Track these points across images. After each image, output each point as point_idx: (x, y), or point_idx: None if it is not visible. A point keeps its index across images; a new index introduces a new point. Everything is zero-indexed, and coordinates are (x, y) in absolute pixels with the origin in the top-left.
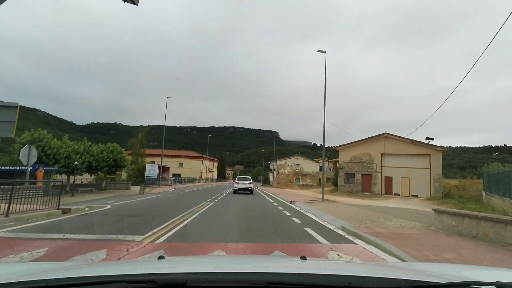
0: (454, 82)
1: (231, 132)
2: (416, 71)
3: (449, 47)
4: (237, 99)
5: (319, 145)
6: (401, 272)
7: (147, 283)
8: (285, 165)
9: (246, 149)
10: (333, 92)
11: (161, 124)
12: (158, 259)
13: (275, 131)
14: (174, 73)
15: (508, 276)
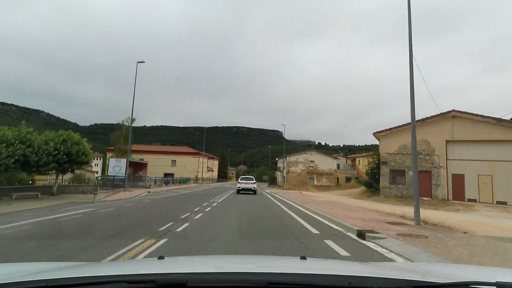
0: (459, 80)
1: (234, 132)
2: (421, 68)
3: (451, 45)
4: (240, 98)
5: (324, 144)
6: (401, 272)
7: (147, 283)
8: (296, 162)
9: (249, 148)
10: (337, 92)
11: (164, 124)
12: (158, 259)
13: (278, 130)
14: (176, 74)
15: (508, 276)
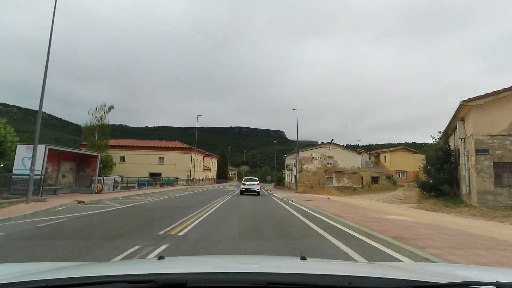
0: (463, 78)
1: (237, 132)
2: (425, 67)
3: (455, 43)
4: (243, 99)
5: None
6: (401, 272)
7: (147, 283)
8: (311, 159)
9: (251, 149)
10: (339, 92)
11: (165, 125)
12: (158, 259)
13: (281, 130)
14: (177, 74)
15: (508, 276)
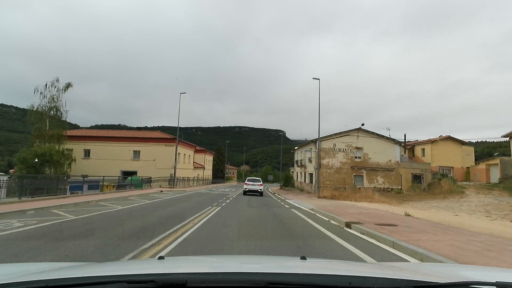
0: (466, 76)
1: (237, 132)
2: (428, 66)
3: (456, 41)
4: (243, 98)
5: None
6: (401, 272)
7: (147, 283)
8: (332, 151)
9: (252, 148)
10: (341, 91)
11: (165, 125)
12: (158, 259)
13: (281, 130)
14: (178, 73)
15: (508, 276)
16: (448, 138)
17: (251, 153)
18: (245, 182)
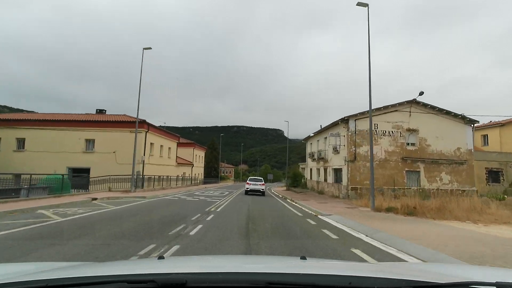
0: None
1: (235, 131)
2: (429, 62)
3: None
4: (242, 97)
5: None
6: (401, 272)
7: (147, 283)
8: (374, 134)
9: (250, 147)
10: (341, 88)
11: (162, 125)
12: (158, 259)
13: (279, 129)
14: (177, 72)
15: (508, 276)
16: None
17: (250, 152)
18: (247, 181)
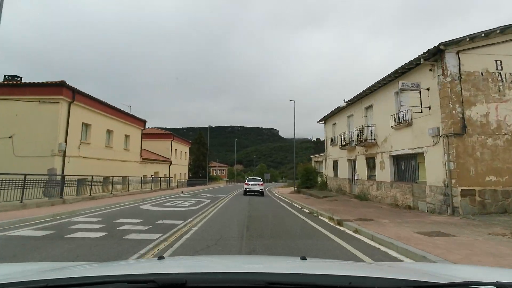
0: None
1: (230, 131)
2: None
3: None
4: (237, 97)
5: (323, 139)
6: (401, 272)
7: (147, 283)
8: (494, 80)
9: (245, 147)
10: (337, 87)
11: (155, 126)
12: (158, 259)
13: (274, 128)
14: (170, 73)
15: (508, 276)
16: None
17: (245, 152)
18: (246, 182)
